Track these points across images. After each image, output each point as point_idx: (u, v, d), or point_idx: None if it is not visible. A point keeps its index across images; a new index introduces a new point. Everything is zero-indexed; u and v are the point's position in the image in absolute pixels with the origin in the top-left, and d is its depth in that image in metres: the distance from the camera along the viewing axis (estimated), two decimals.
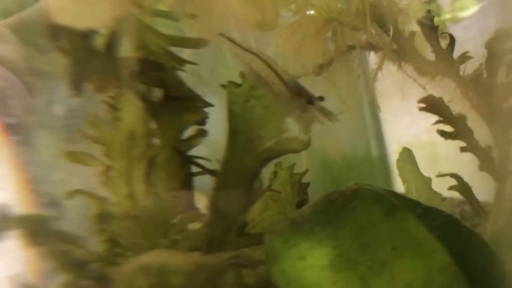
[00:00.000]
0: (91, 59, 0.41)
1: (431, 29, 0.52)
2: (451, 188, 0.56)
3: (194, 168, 0.44)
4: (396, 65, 0.54)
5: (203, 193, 0.43)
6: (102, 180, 0.41)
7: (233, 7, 0.45)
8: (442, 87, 0.53)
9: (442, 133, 0.55)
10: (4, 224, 0.37)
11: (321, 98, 0.40)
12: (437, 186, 0.60)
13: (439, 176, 0.58)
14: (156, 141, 0.42)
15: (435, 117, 0.55)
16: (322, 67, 0.54)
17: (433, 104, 0.54)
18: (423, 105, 0.55)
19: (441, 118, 0.55)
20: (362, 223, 0.35)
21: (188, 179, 0.43)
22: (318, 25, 0.52)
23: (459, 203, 0.60)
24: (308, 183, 0.48)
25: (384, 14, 0.51)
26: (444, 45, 0.52)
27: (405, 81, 0.55)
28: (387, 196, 0.36)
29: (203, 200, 0.43)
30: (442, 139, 0.55)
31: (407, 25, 0.53)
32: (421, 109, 0.55)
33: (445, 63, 0.52)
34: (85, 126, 0.42)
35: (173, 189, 0.42)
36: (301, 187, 0.48)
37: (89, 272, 0.37)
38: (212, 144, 0.44)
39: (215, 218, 0.41)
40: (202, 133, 0.44)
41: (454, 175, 0.56)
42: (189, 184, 0.44)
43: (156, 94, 0.43)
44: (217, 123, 0.43)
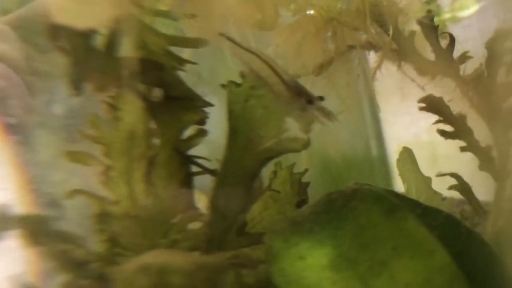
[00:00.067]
0: (91, 59, 0.41)
1: (431, 29, 0.52)
2: (451, 188, 0.56)
3: (194, 168, 0.44)
4: (396, 65, 0.54)
5: (203, 193, 0.43)
6: (102, 180, 0.41)
7: (233, 7, 0.45)
8: (442, 87, 0.53)
9: (442, 133, 0.55)
10: (4, 224, 0.37)
11: (321, 98, 0.40)
12: (437, 186, 0.60)
13: (439, 176, 0.58)
14: (156, 141, 0.42)
15: (435, 117, 0.55)
16: (322, 67, 0.54)
17: (433, 104, 0.54)
18: (423, 105, 0.55)
19: (441, 118, 0.55)
20: (362, 223, 0.35)
21: (188, 179, 0.43)
22: (318, 25, 0.52)
23: (459, 203, 0.60)
24: (308, 183, 0.48)
25: (384, 14, 0.51)
26: (444, 45, 0.52)
27: (405, 81, 0.54)
28: (387, 196, 0.36)
29: (203, 200, 0.43)
30: (442, 139, 0.55)
31: (407, 25, 0.53)
32: (421, 109, 0.55)
33: (445, 63, 0.52)
34: (85, 126, 0.42)
35: (173, 189, 0.42)
36: (301, 187, 0.48)
37: (89, 272, 0.37)
38: (212, 144, 0.44)
39: (215, 218, 0.41)
40: (202, 133, 0.44)
41: (454, 175, 0.56)
42: (189, 184, 0.44)
43: (156, 94, 0.43)
44: (217, 123, 0.43)
